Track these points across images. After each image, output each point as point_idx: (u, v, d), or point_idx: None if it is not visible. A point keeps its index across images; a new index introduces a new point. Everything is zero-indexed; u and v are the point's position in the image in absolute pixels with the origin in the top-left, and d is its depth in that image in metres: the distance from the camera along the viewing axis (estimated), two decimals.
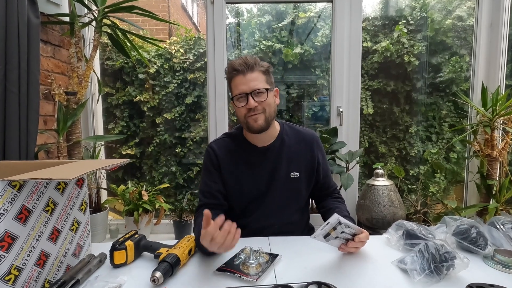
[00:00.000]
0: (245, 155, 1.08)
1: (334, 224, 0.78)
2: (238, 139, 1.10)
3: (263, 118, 0.99)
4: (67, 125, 1.30)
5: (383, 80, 2.32)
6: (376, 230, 1.63)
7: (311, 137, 1.11)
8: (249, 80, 0.96)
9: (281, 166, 1.07)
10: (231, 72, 1.00)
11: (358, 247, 0.87)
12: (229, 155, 1.07)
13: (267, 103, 0.98)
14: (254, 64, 0.98)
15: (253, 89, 0.96)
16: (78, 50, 1.38)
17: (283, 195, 1.07)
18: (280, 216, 1.08)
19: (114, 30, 1.45)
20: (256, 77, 0.97)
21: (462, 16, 2.22)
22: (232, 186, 1.07)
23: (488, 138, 1.75)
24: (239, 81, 0.98)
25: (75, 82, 1.35)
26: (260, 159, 1.07)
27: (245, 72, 0.97)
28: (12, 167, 0.83)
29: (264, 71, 1.00)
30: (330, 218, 0.78)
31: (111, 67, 2.38)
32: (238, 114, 1.02)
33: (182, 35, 2.48)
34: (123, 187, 1.72)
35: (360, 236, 0.84)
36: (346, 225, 0.80)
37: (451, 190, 2.27)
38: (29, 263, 0.65)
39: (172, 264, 0.74)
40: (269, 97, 0.99)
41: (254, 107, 0.97)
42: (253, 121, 0.98)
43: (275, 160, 1.07)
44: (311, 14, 2.31)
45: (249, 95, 0.96)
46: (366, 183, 1.76)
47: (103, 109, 2.36)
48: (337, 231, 0.80)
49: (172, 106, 2.43)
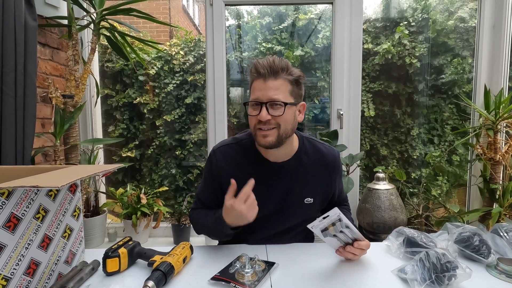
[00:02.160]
0: (254, 169, 0.93)
1: (334, 220, 0.74)
2: (248, 149, 0.95)
3: (276, 135, 0.84)
4: (64, 129, 1.29)
5: (384, 82, 2.30)
6: (377, 235, 1.61)
7: (332, 159, 0.98)
8: (269, 88, 0.82)
9: (295, 189, 0.94)
10: (253, 74, 0.86)
11: (357, 255, 0.82)
12: (234, 167, 0.94)
13: (283, 119, 0.84)
14: (281, 69, 0.83)
15: (270, 100, 0.82)
16: (75, 53, 1.38)
17: (292, 220, 0.98)
18: (285, 238, 0.99)
19: (113, 32, 1.44)
20: (279, 86, 0.83)
21: (464, 17, 2.20)
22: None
23: (491, 141, 1.73)
24: (258, 85, 0.84)
25: (73, 85, 1.34)
26: (271, 177, 0.93)
27: (266, 77, 0.83)
28: (4, 173, 0.81)
29: (291, 80, 0.85)
30: (330, 211, 0.72)
31: (111, 69, 2.37)
32: (249, 122, 0.89)
33: (182, 37, 2.48)
34: (122, 190, 1.71)
35: (360, 243, 0.80)
36: (346, 225, 0.76)
37: (453, 194, 2.24)
38: (18, 272, 0.63)
39: (166, 272, 0.72)
40: (286, 113, 0.84)
41: (266, 121, 0.83)
42: (261, 137, 0.85)
43: (289, 182, 0.94)
44: (312, 16, 2.30)
45: (263, 105, 0.82)
46: (367, 186, 1.74)
47: (103, 111, 2.36)
48: (336, 229, 0.76)
49: (172, 108, 2.42)
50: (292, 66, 0.88)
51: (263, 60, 0.84)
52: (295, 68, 0.88)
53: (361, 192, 1.99)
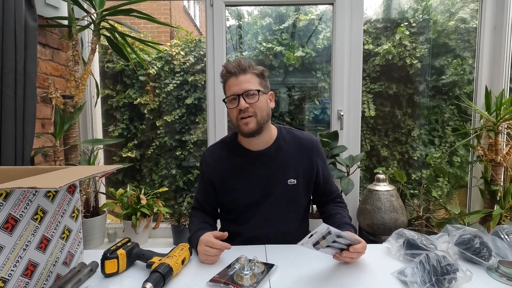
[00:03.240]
0: (238, 160, 1.05)
1: (323, 234, 0.73)
2: (232, 145, 1.08)
3: (255, 121, 0.97)
4: (64, 129, 1.29)
5: (385, 82, 2.29)
6: (377, 236, 1.60)
7: (310, 143, 1.08)
8: (242, 82, 0.96)
9: (277, 172, 1.03)
10: (225, 75, 1.00)
11: (354, 258, 0.83)
12: (221, 162, 1.05)
13: (258, 106, 0.96)
14: (248, 66, 0.98)
15: (245, 90, 0.95)
16: (75, 53, 1.37)
17: (279, 203, 1.04)
18: (276, 225, 1.04)
19: (113, 33, 1.43)
20: (249, 79, 0.97)
21: (465, 18, 2.19)
22: (224, 193, 1.05)
23: (492, 142, 1.72)
24: (231, 82, 0.97)
25: (73, 85, 1.34)
26: (254, 165, 1.04)
27: (237, 74, 0.97)
28: (2, 173, 0.81)
29: (258, 73, 0.99)
30: (318, 227, 0.73)
31: (111, 69, 2.37)
32: (231, 116, 1.01)
33: (183, 37, 2.48)
34: (122, 191, 1.71)
35: (356, 247, 0.81)
36: (338, 235, 0.75)
37: (454, 195, 2.24)
38: (16, 274, 0.63)
39: (164, 274, 0.72)
40: (261, 100, 0.97)
41: (245, 109, 0.95)
42: (244, 125, 0.97)
43: (270, 166, 1.03)
44: (312, 16, 2.29)
45: (241, 96, 0.95)
46: (367, 188, 1.73)
47: (103, 111, 2.36)
48: (328, 240, 0.76)
49: (172, 108, 2.42)
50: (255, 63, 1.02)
51: (231, 62, 0.99)
52: (258, 65, 1.02)
53: (362, 193, 1.98)
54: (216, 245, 0.85)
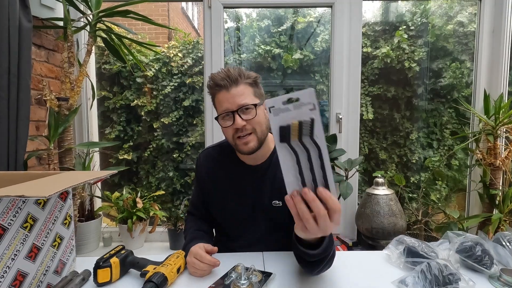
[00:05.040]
0: (230, 170, 0.97)
1: (303, 113, 0.43)
2: (227, 151, 1.00)
3: (255, 139, 0.86)
4: (58, 132, 1.26)
5: (383, 85, 2.29)
6: (376, 241, 1.59)
7: None
8: (234, 96, 0.84)
9: (264, 192, 0.94)
10: (214, 88, 0.88)
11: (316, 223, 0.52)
12: (215, 168, 0.99)
13: (256, 121, 0.86)
14: (239, 76, 0.86)
15: (239, 106, 0.84)
16: (70, 55, 1.35)
17: (266, 224, 0.96)
18: (265, 244, 0.97)
19: (109, 34, 1.41)
20: (242, 91, 0.85)
21: (463, 22, 2.19)
22: (214, 201, 1.00)
23: (491, 146, 1.71)
24: (222, 97, 0.86)
25: (68, 87, 1.32)
26: (245, 180, 0.96)
27: (228, 87, 0.85)
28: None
29: (251, 83, 0.88)
30: (300, 91, 0.45)
31: (108, 71, 2.35)
32: (226, 135, 0.90)
33: (181, 39, 2.46)
34: (117, 194, 1.68)
35: (323, 193, 0.51)
36: (317, 136, 0.45)
37: (452, 199, 2.23)
38: (3, 285, 0.60)
39: (158, 284, 0.70)
40: (258, 113, 0.86)
41: (242, 127, 0.84)
42: (243, 145, 0.86)
43: (260, 184, 0.94)
44: (311, 19, 2.29)
45: (235, 113, 0.84)
46: (366, 192, 1.72)
47: (99, 113, 2.34)
48: (304, 140, 0.46)
49: (169, 110, 2.40)
50: (245, 70, 0.90)
51: (219, 73, 0.87)
52: (248, 71, 0.90)
53: (360, 197, 1.97)
54: (204, 259, 0.80)
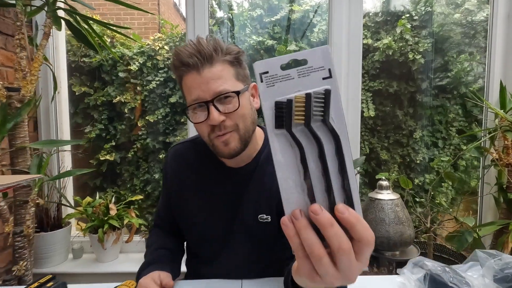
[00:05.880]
0: (204, 174, 0.75)
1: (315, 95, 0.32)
2: (201, 147, 0.76)
3: (237, 138, 0.65)
4: (7, 127, 1.05)
5: (385, 80, 2.13)
6: (380, 252, 1.42)
7: None
8: (208, 80, 0.61)
9: (248, 202, 0.73)
10: (179, 68, 0.63)
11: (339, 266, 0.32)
12: (183, 170, 0.77)
13: (239, 115, 0.63)
14: (214, 51, 0.61)
15: (215, 94, 0.61)
16: (21, 36, 1.14)
17: (248, 246, 0.74)
18: (247, 269, 0.75)
19: (74, 16, 1.22)
20: (219, 72, 0.61)
21: (471, 9, 2.04)
22: (181, 213, 0.78)
23: (509, 145, 1.54)
24: (192, 81, 0.62)
25: (20, 76, 1.12)
26: (223, 186, 0.74)
27: (199, 67, 0.61)
28: None
29: (231, 61, 0.64)
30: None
31: (88, 64, 2.18)
32: (199, 131, 0.68)
33: (169, 31, 2.30)
34: (89, 199, 1.50)
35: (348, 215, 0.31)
36: (340, 120, 0.33)
37: (459, 201, 2.07)
38: None
39: None
40: (242, 104, 0.63)
41: (220, 123, 0.62)
42: (222, 145, 0.65)
43: (241, 193, 0.73)
44: (307, 7, 2.13)
45: (210, 104, 0.61)
46: (369, 196, 1.55)
47: (79, 110, 2.17)
48: (315, 123, 0.33)
49: (155, 107, 2.23)
50: (224, 43, 0.64)
51: (186, 47, 0.61)
52: (229, 44, 0.65)
53: (362, 201, 1.81)
54: None
